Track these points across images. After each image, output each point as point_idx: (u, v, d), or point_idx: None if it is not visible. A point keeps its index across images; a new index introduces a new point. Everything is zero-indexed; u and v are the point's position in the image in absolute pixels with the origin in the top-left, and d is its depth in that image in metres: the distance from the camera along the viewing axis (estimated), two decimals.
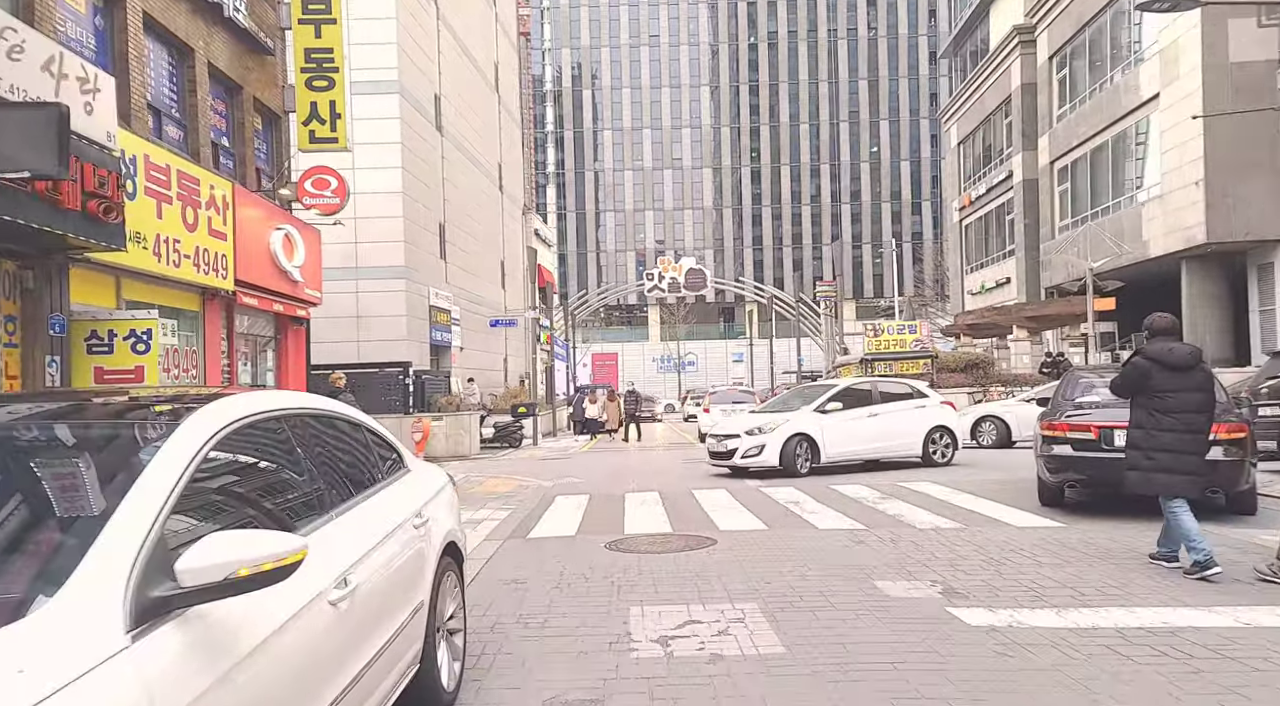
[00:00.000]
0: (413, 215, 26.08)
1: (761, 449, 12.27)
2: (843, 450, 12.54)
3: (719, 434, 13.23)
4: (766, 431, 12.37)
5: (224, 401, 2.48)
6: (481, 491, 12.15)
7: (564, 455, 19.79)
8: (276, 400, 2.77)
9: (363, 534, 2.76)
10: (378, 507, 3.01)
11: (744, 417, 13.79)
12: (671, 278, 47.64)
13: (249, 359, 12.48)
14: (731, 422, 13.90)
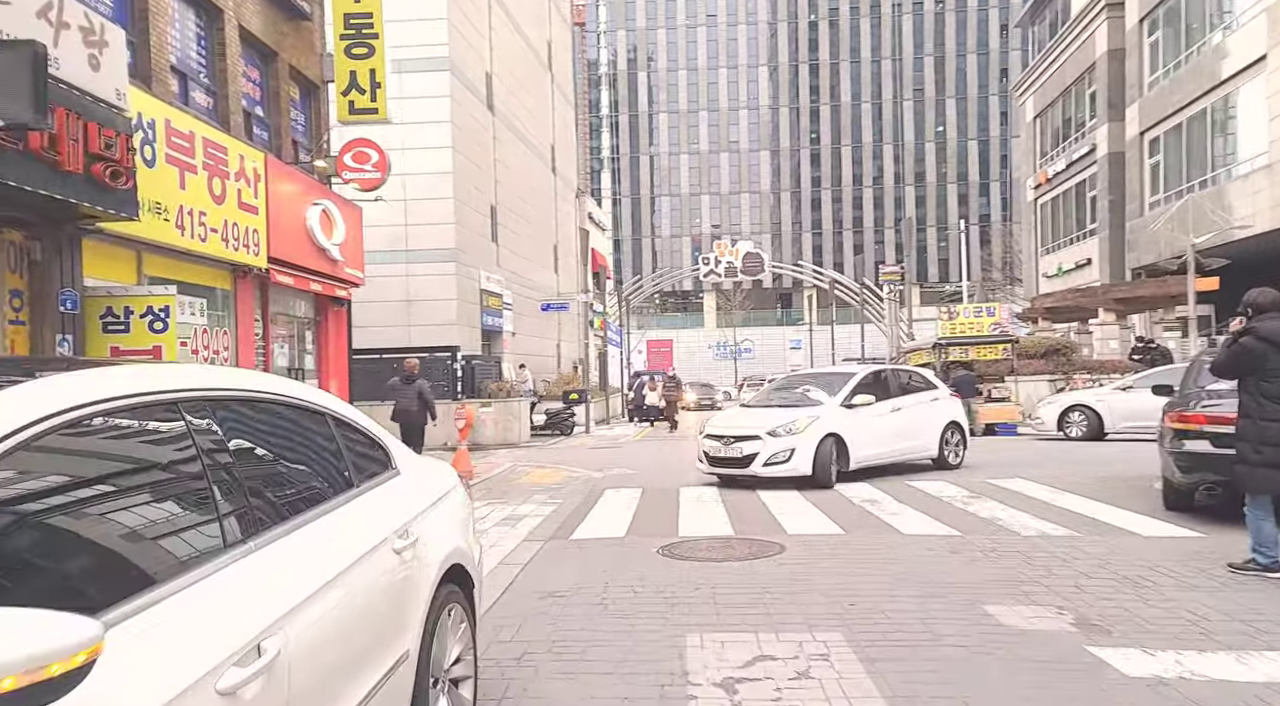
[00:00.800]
0: (463, 196, 25.52)
1: (791, 453, 9.46)
2: (869, 453, 10.19)
3: (726, 434, 10.07)
4: (796, 431, 9.63)
5: (71, 377, 1.64)
6: (527, 482, 11.40)
7: (615, 444, 19.00)
8: (176, 377, 1.93)
9: (302, 571, 1.91)
10: (338, 529, 2.17)
11: (758, 414, 10.49)
12: (728, 262, 46.26)
13: (287, 341, 11.94)
14: (743, 419, 10.51)
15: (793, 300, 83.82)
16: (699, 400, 38.28)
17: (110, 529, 1.52)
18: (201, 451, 1.79)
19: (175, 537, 1.66)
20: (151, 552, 1.58)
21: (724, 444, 9.99)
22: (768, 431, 9.74)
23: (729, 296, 72.88)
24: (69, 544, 1.43)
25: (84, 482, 1.56)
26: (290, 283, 11.14)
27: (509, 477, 11.99)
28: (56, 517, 1.43)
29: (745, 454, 9.73)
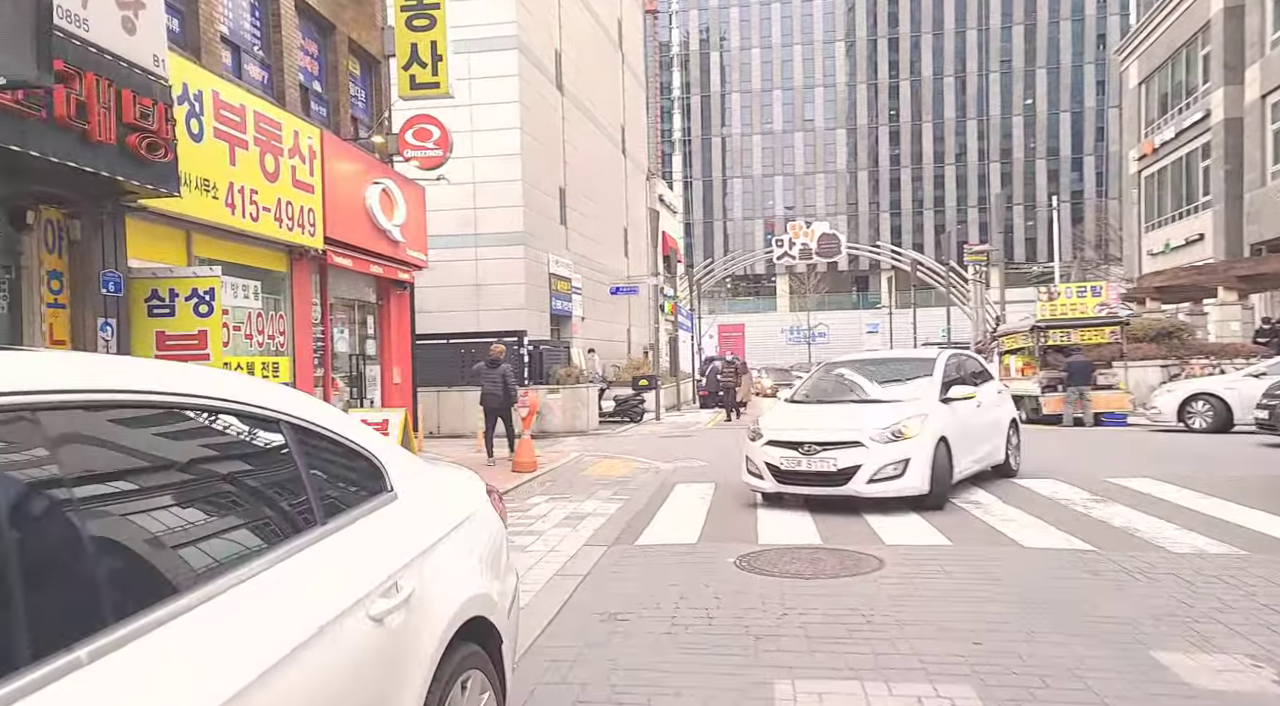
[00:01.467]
0: (532, 178, 25.03)
1: (905, 466, 7.22)
2: (969, 460, 8.15)
3: (806, 440, 7.54)
4: (905, 435, 7.36)
5: None
6: (593, 475, 10.75)
7: (687, 432, 18.24)
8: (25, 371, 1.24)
9: (199, 669, 1.21)
10: (272, 599, 1.46)
11: (834, 412, 8.12)
12: (803, 243, 44.75)
13: (346, 326, 11.57)
14: (819, 418, 8.00)
15: (869, 283, 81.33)
16: (776, 385, 36.65)
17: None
18: (43, 491, 1.10)
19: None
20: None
21: (804, 453, 7.43)
22: (871, 435, 7.35)
23: (803, 279, 71.08)
24: None
25: None
26: (349, 265, 10.72)
27: (574, 469, 11.38)
28: None
29: (840, 467, 7.31)
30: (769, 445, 7.80)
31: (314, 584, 1.57)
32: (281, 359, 9.57)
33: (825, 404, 8.61)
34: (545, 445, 15.43)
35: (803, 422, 7.95)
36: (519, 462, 11.03)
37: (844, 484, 7.35)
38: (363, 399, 11.80)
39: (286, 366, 9.60)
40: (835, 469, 7.37)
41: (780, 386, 34.83)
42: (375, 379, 12.22)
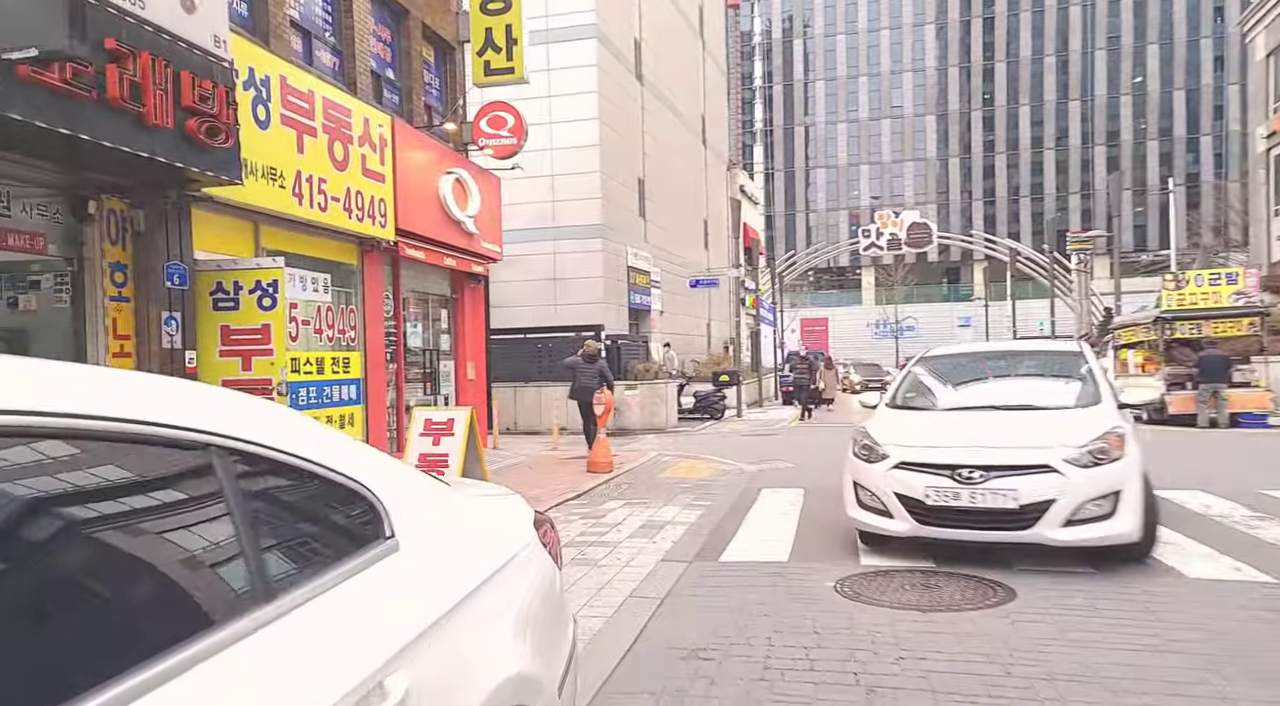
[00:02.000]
0: (610, 170, 24.58)
1: (1115, 501, 5.08)
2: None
3: (963, 461, 5.28)
4: (1117, 457, 5.23)
5: None
6: (671, 477, 10.15)
7: (770, 430, 17.44)
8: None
9: None
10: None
11: (1013, 422, 5.79)
12: (891, 233, 43.04)
13: (420, 320, 11.29)
14: (987, 432, 5.63)
15: (960, 274, 78.07)
16: (865, 381, 34.52)
17: None
18: None
19: None
20: None
21: (962, 481, 5.15)
22: (1066, 456, 5.13)
23: (889, 271, 68.77)
24: None
25: None
26: (421, 257, 10.41)
27: (652, 470, 10.80)
28: None
29: (1023, 503, 5.03)
30: (902, 469, 5.45)
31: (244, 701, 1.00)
32: (352, 354, 9.31)
33: (969, 411, 6.23)
34: (622, 443, 14.92)
35: (949, 436, 5.66)
36: (594, 463, 10.53)
37: (1027, 526, 5.06)
38: (436, 395, 11.52)
39: (357, 361, 9.34)
40: (1016, 504, 5.03)
41: (869, 382, 33.23)
42: (449, 374, 11.93)
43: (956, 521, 5.26)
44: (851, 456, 6.07)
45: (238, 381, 6.88)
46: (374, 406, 9.56)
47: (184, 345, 6.72)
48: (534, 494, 8.77)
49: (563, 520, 7.24)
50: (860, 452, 5.93)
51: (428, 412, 6.43)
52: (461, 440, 6.23)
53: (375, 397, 9.60)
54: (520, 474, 10.37)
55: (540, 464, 11.48)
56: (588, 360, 12.09)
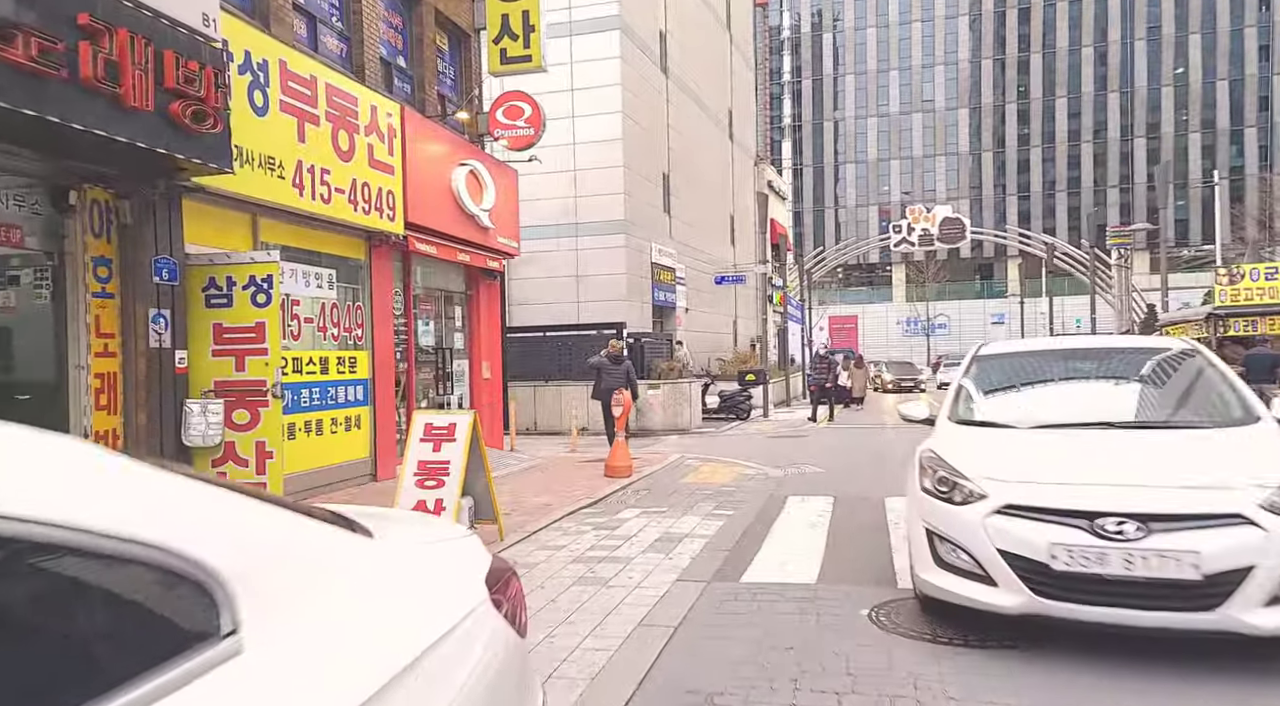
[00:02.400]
0: (634, 164, 24.10)
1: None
2: None
3: (1113, 509, 3.58)
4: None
5: None
6: (693, 482, 9.65)
7: (798, 431, 16.85)
8: None
9: None
10: None
11: (1161, 449, 4.20)
12: (923, 229, 42.02)
13: (431, 317, 10.90)
14: (1129, 463, 4.00)
15: (994, 270, 76.58)
16: (898, 380, 32.95)
17: None
18: None
19: None
20: None
21: (1105, 535, 3.54)
22: (1264, 502, 3.52)
23: (921, 268, 67.55)
24: None
25: None
26: (433, 252, 10.01)
27: (673, 475, 10.32)
28: None
29: (1209, 572, 3.41)
30: (1009, 515, 3.80)
31: None
32: (359, 353, 8.94)
33: (1078, 431, 4.52)
34: (644, 445, 14.45)
35: (1071, 467, 4.03)
36: (612, 467, 10.06)
37: (1212, 606, 3.43)
38: (449, 395, 11.13)
39: (365, 361, 8.96)
40: (1198, 574, 3.41)
41: (901, 381, 32.21)
42: (463, 374, 11.54)
43: (1099, 595, 3.54)
44: (920, 492, 4.33)
45: (231, 382, 6.51)
46: (382, 407, 9.18)
47: (174, 344, 6.36)
48: (545, 500, 8.33)
49: (574, 531, 6.79)
50: (937, 489, 4.19)
51: (428, 416, 6.00)
52: (464, 446, 5.80)
53: (383, 398, 9.22)
54: (534, 478, 9.95)
55: (556, 467, 11.05)
56: (614, 361, 12.09)
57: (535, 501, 8.29)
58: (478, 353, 11.82)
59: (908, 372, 34.21)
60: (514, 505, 8.08)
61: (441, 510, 5.76)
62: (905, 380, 32.93)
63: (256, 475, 6.43)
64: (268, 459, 6.43)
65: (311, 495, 8.01)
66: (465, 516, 6.09)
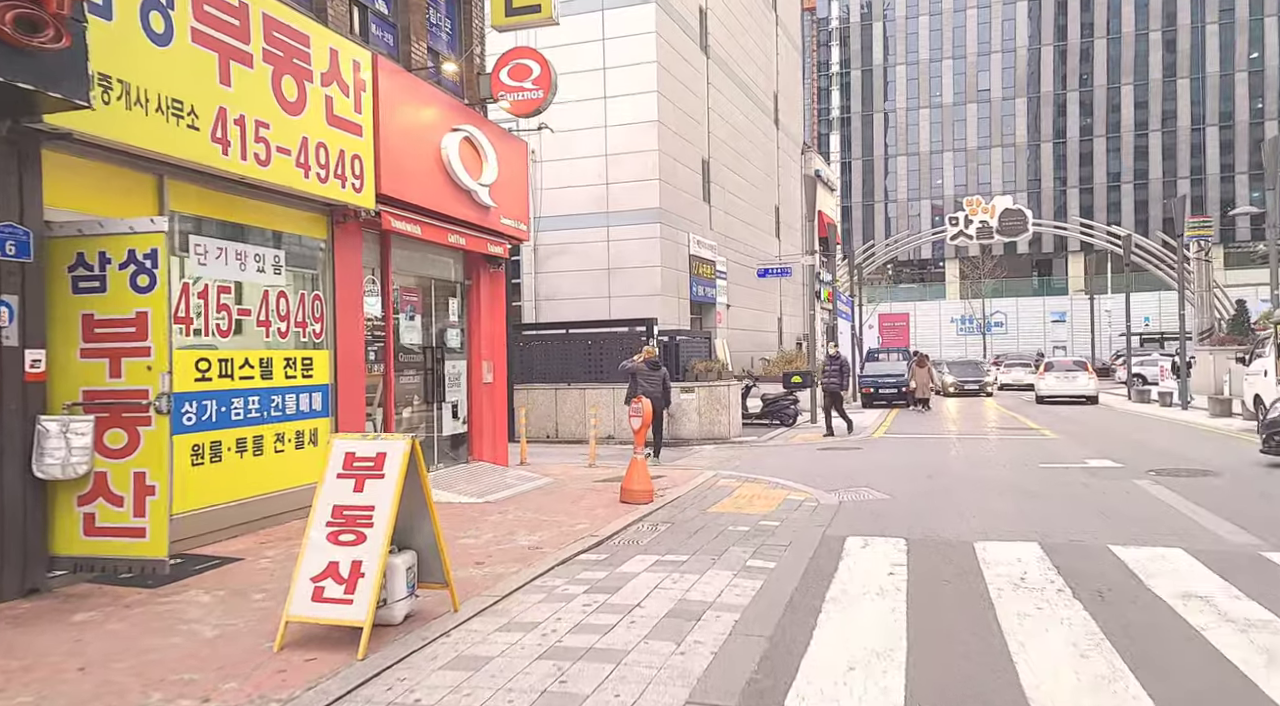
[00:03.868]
0: (670, 148, 22.30)
1: None
2: None
3: None
4: None
5: None
6: (725, 512, 7.83)
7: (851, 442, 14.87)
8: None
9: None
10: None
11: None
12: (981, 221, 39.38)
13: (418, 310, 9.24)
14: None
15: (1053, 266, 72.97)
16: (960, 383, 29.66)
17: None
18: None
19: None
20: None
21: None
22: None
23: (976, 264, 64.36)
24: None
25: None
26: (415, 232, 8.34)
27: (701, 500, 8.51)
28: None
29: None
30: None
31: None
32: (317, 353, 7.32)
33: None
34: (675, 457, 12.66)
35: None
36: (628, 491, 8.31)
37: None
38: (440, 403, 9.48)
39: (324, 362, 7.34)
40: None
41: (964, 384, 29.49)
42: (459, 377, 9.88)
43: None
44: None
45: (103, 392, 4.90)
46: (348, 418, 7.55)
47: (23, 342, 4.77)
48: (535, 540, 6.60)
49: (559, 594, 5.04)
50: None
51: (350, 443, 4.32)
52: (395, 485, 4.09)
53: (350, 407, 7.59)
54: (532, 505, 8.23)
55: (565, 488, 9.33)
56: (651, 367, 11.81)
57: (523, 542, 6.56)
58: (477, 352, 10.16)
59: (971, 373, 30.81)
60: (495, 547, 6.36)
61: (359, 578, 4.06)
62: (969, 382, 29.76)
63: (133, 518, 4.81)
64: (148, 496, 4.81)
65: (236, 534, 6.40)
66: (402, 581, 4.39)
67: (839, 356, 15.97)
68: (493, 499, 8.40)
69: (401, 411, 8.72)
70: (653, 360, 11.88)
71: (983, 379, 30.10)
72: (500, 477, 9.47)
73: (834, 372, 15.76)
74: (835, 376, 15.73)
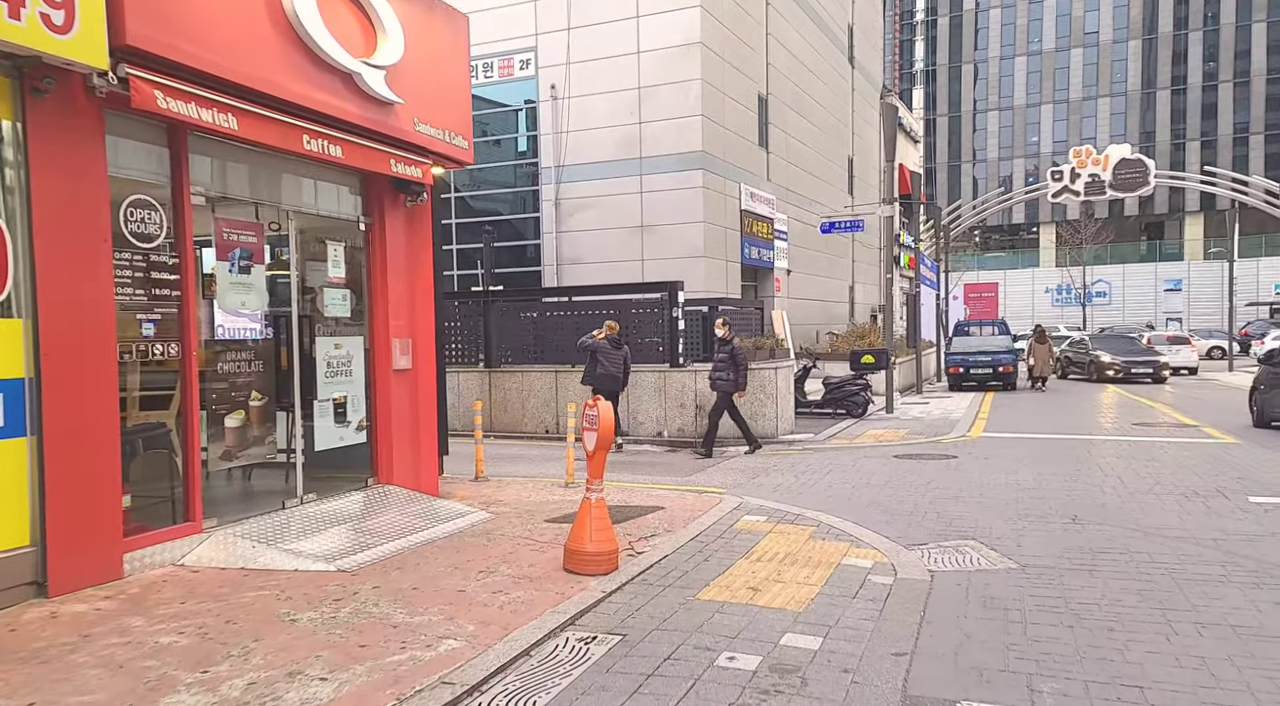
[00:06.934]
0: (717, 79, 18.54)
1: None
2: None
3: None
4: None
5: None
6: (731, 600, 4.37)
7: (938, 444, 11.10)
8: None
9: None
10: None
11: None
12: (1091, 174, 33.92)
13: (253, 255, 5.95)
14: None
15: (1164, 229, 65.65)
16: (1126, 365, 22.33)
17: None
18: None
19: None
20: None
21: None
22: None
23: (1076, 227, 58.13)
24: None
25: None
26: (206, 121, 4.96)
27: (696, 575, 5.07)
28: None
29: None
30: None
31: None
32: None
33: None
34: (690, 467, 9.16)
35: None
36: (574, 555, 5.00)
37: None
38: (310, 402, 6.26)
39: (15, 340, 4.15)
40: None
41: (1133, 365, 22.19)
42: (349, 362, 6.62)
43: None
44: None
45: None
46: (71, 437, 4.39)
47: None
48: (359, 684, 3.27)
49: None
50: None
51: None
52: None
53: (74, 419, 4.42)
54: (410, 575, 4.93)
55: (498, 533, 6.04)
56: (614, 344, 10.63)
57: (327, 692, 3.26)
58: (383, 325, 6.88)
59: (1135, 352, 22.97)
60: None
61: None
62: (1138, 365, 22.19)
63: None
64: None
65: None
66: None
67: (731, 341, 10.39)
68: (353, 562, 5.16)
69: (225, 420, 5.52)
70: (614, 337, 10.68)
71: (1157, 359, 22.48)
72: (402, 516, 6.23)
73: (723, 364, 10.41)
74: (725, 369, 10.38)
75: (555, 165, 18.75)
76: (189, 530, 5.12)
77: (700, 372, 11.54)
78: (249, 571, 4.92)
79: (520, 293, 15.37)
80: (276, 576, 4.85)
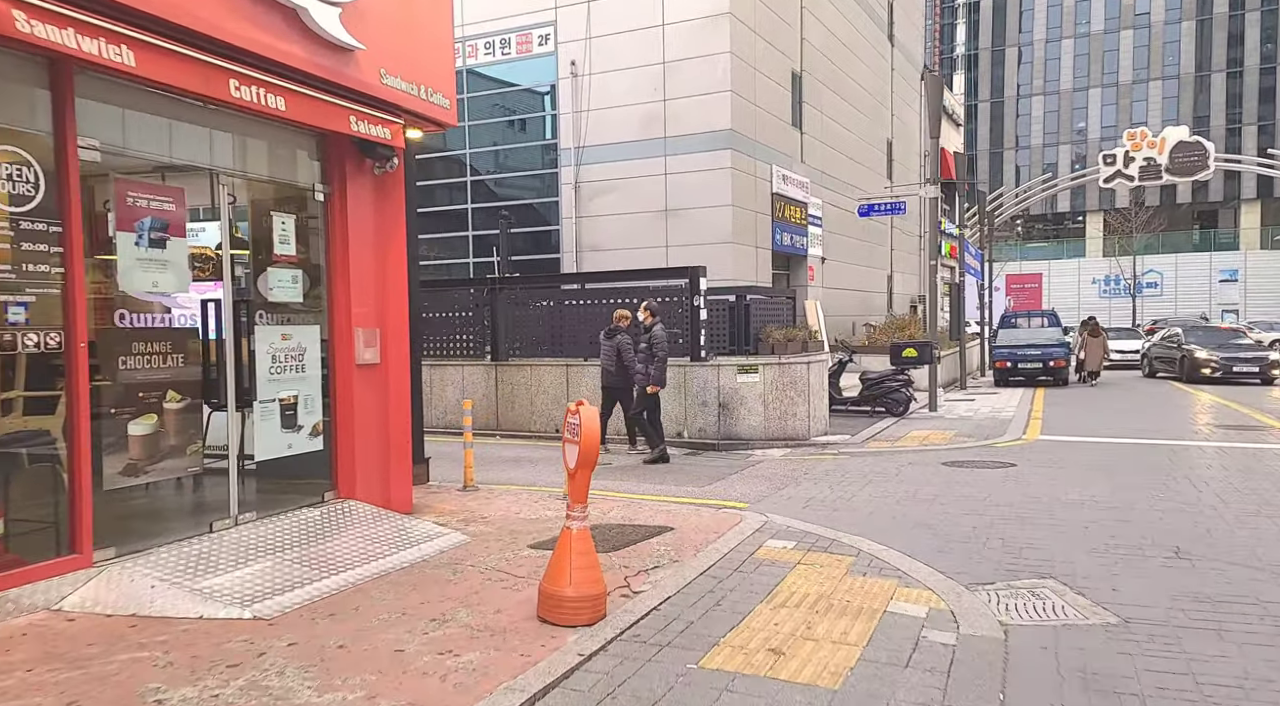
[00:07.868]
0: (747, 53, 17.32)
1: None
2: None
3: None
4: None
5: None
6: (743, 671, 3.26)
7: (992, 450, 9.85)
8: None
9: None
10: None
11: None
12: (1146, 158, 32.05)
13: (168, 228, 4.95)
14: None
15: (1218, 217, 62.73)
16: (1226, 362, 19.27)
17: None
18: None
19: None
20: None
21: None
22: None
23: (1125, 215, 55.74)
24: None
25: None
26: (90, 52, 3.94)
27: (700, 629, 3.97)
28: None
29: None
30: None
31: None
32: None
33: None
34: (716, 468, 8.03)
35: None
36: (550, 598, 3.97)
37: None
38: (249, 402, 5.27)
39: None
40: None
41: (1234, 363, 19.27)
42: (302, 356, 5.62)
43: None
44: None
45: None
46: None
47: None
48: None
49: None
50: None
51: None
52: None
53: None
54: (349, 626, 3.91)
55: (470, 559, 5.01)
56: (608, 334, 9.52)
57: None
58: (344, 312, 5.88)
59: (1238, 348, 19.87)
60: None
61: None
62: (1242, 361, 19.23)
63: None
64: None
65: None
66: None
67: (653, 328, 9.06)
68: (274, 606, 4.15)
69: (130, 427, 4.54)
70: (611, 327, 9.61)
71: (1266, 357, 19.36)
72: (358, 540, 5.23)
73: (644, 356, 9.11)
74: (646, 362, 9.05)
75: (575, 146, 17.70)
76: (74, 564, 4.15)
77: (724, 368, 10.42)
78: (140, 619, 3.93)
79: (528, 279, 14.36)
80: (172, 627, 3.86)
